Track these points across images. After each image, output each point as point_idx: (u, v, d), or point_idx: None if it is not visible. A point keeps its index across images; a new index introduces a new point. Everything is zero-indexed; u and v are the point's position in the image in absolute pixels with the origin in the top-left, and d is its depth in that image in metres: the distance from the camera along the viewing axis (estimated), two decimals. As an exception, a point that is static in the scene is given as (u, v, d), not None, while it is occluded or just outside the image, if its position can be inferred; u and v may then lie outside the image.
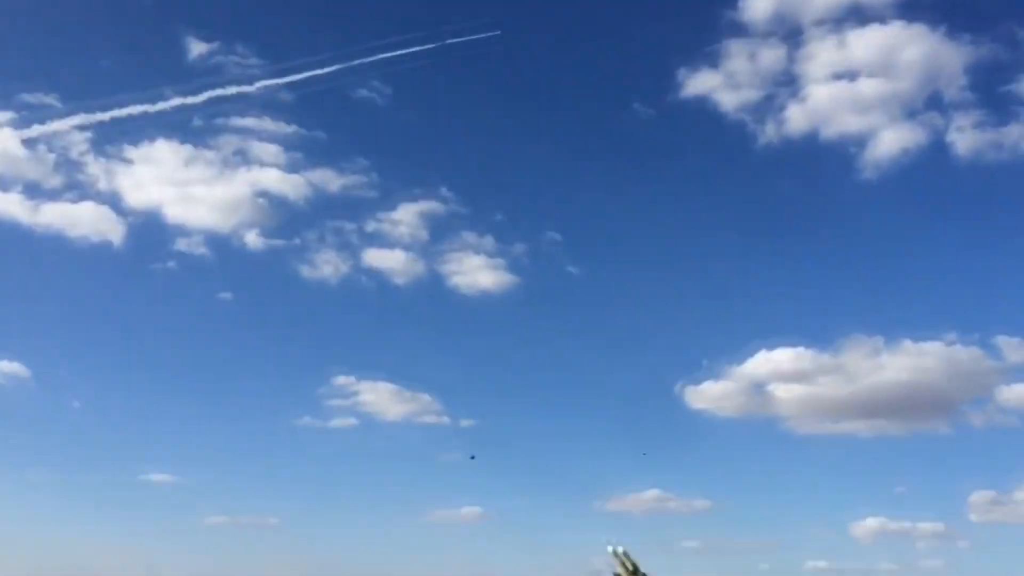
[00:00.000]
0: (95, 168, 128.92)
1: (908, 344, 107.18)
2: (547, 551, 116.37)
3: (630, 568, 78.18)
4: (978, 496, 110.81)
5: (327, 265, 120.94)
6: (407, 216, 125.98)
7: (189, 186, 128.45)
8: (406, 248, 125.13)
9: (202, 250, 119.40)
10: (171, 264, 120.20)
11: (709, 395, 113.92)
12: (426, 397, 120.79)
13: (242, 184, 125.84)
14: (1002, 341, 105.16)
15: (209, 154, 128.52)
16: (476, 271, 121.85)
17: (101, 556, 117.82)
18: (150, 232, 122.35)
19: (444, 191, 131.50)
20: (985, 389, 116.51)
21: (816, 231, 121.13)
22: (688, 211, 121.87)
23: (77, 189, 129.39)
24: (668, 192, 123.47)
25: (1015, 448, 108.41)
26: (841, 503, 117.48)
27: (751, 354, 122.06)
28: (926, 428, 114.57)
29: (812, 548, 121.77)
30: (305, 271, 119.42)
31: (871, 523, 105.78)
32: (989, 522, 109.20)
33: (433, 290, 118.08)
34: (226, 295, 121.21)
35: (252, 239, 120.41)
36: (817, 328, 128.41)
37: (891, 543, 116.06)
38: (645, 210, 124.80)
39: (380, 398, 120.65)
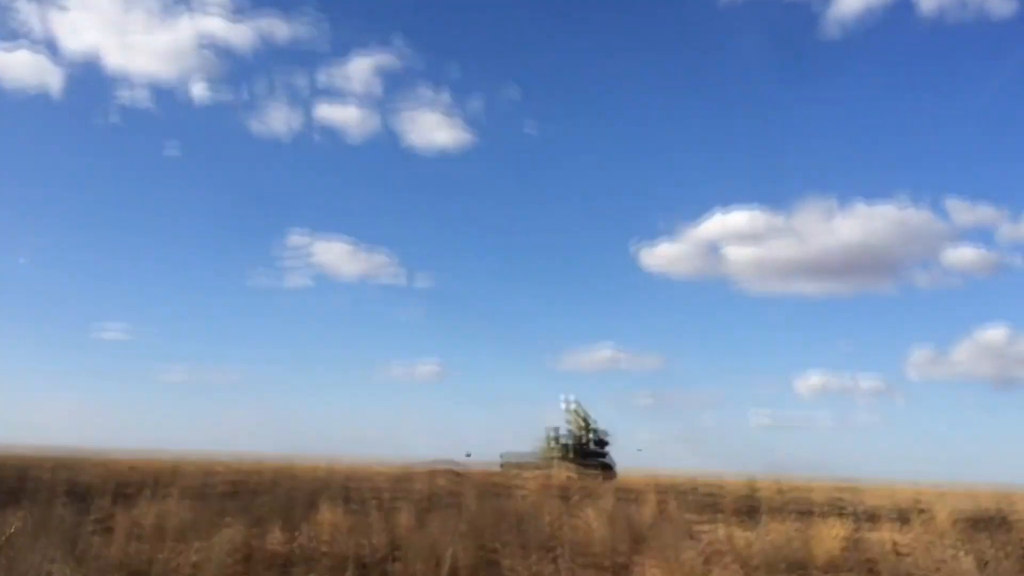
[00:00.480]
0: (28, 13, 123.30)
1: (861, 206, 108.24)
2: (503, 405, 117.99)
3: (582, 419, 79.76)
4: (917, 354, 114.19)
5: (277, 119, 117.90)
6: (360, 69, 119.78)
7: (128, 34, 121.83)
8: (360, 103, 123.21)
9: (146, 102, 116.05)
10: (113, 117, 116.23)
11: (664, 255, 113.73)
12: (382, 255, 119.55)
13: (185, 31, 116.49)
14: (951, 204, 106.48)
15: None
16: (432, 128, 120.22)
17: (57, 413, 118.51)
18: (90, 82, 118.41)
19: (399, 43, 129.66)
20: (932, 251, 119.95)
21: (776, 91, 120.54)
22: (648, 68, 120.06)
23: (9, 36, 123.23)
24: (628, 48, 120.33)
25: (956, 309, 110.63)
26: (786, 359, 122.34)
27: (706, 215, 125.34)
28: (872, 288, 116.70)
29: (757, 401, 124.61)
30: (255, 125, 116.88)
31: (814, 378, 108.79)
32: (926, 379, 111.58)
33: (388, 146, 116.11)
34: (173, 149, 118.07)
35: (198, 91, 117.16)
36: (772, 190, 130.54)
37: (831, 397, 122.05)
38: (605, 66, 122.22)
39: (336, 256, 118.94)
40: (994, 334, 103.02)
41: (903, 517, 20.71)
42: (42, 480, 23.01)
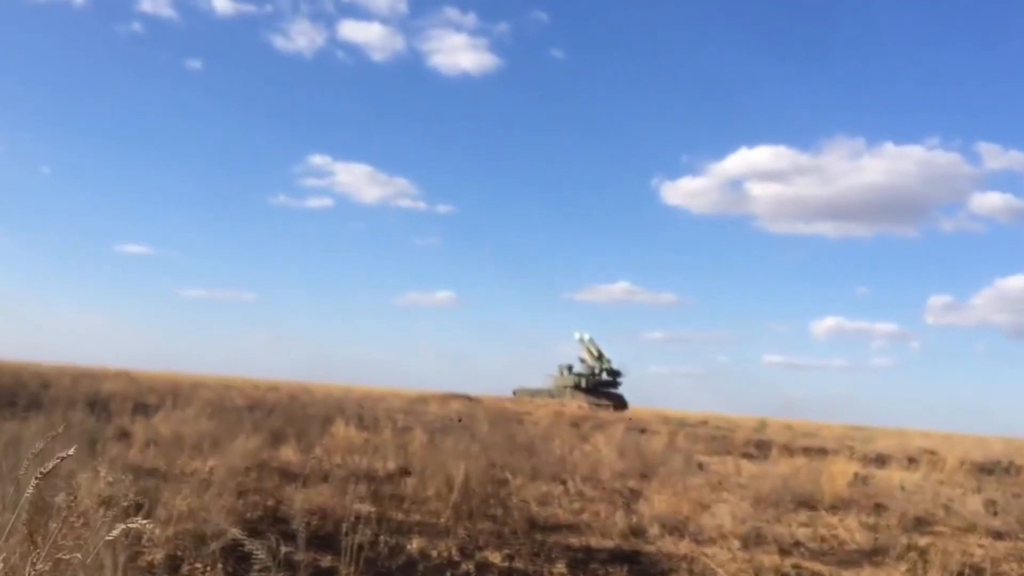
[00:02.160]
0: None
1: (889, 147, 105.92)
2: (518, 337, 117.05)
3: (595, 353, 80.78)
4: (935, 300, 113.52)
5: (301, 36, 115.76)
6: None
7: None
8: (384, 21, 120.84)
9: (168, 11, 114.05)
10: (136, 26, 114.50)
11: (685, 191, 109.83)
12: (403, 180, 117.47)
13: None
14: (983, 147, 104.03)
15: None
16: (457, 50, 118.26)
17: (77, 324, 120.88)
18: None
19: None
20: (959, 195, 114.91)
21: (806, 29, 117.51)
22: (680, 1, 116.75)
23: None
24: None
25: (979, 255, 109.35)
26: (803, 302, 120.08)
27: (731, 151, 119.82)
28: (895, 231, 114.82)
29: (770, 343, 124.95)
30: (279, 41, 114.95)
31: (829, 322, 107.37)
32: (942, 325, 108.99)
33: (412, 69, 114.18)
34: (195, 63, 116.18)
35: (221, 3, 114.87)
36: (800, 127, 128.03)
37: (846, 341, 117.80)
38: None
39: (356, 179, 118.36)
40: (1015, 283, 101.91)
41: (912, 460, 20.81)
42: (63, 390, 23.41)
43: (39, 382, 28.51)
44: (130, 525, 3.28)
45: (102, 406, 15.69)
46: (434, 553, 6.97)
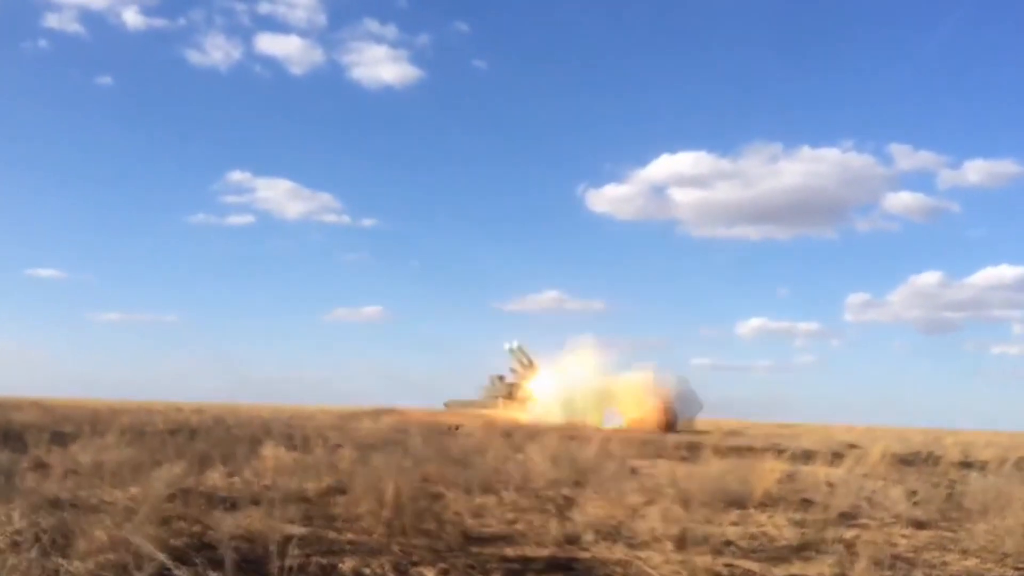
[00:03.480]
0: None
1: (806, 150, 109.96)
2: (448, 349, 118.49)
3: (526, 362, 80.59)
4: (854, 298, 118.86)
5: (217, 50, 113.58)
6: None
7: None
8: (303, 34, 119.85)
9: (75, 27, 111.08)
10: (42, 42, 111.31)
11: (610, 198, 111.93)
12: (326, 195, 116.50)
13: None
14: (895, 148, 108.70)
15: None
16: (378, 63, 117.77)
17: None
18: (16, 4, 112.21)
19: None
20: (873, 195, 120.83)
21: (723, 35, 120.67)
22: (598, 8, 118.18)
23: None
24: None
25: (894, 253, 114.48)
26: (728, 304, 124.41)
27: (653, 157, 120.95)
28: (813, 233, 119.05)
29: (698, 347, 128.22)
30: (193, 56, 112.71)
31: (754, 323, 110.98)
32: (861, 322, 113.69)
33: (332, 82, 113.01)
34: (105, 79, 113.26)
35: (131, 17, 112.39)
36: (720, 132, 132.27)
37: (771, 341, 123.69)
38: (555, 4, 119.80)
39: (278, 195, 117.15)
40: (927, 279, 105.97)
41: (837, 455, 21.36)
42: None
43: (-52, 414, 27.27)
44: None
45: (16, 437, 15.08)
46: (367, 571, 6.86)
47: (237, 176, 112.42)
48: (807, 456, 21.77)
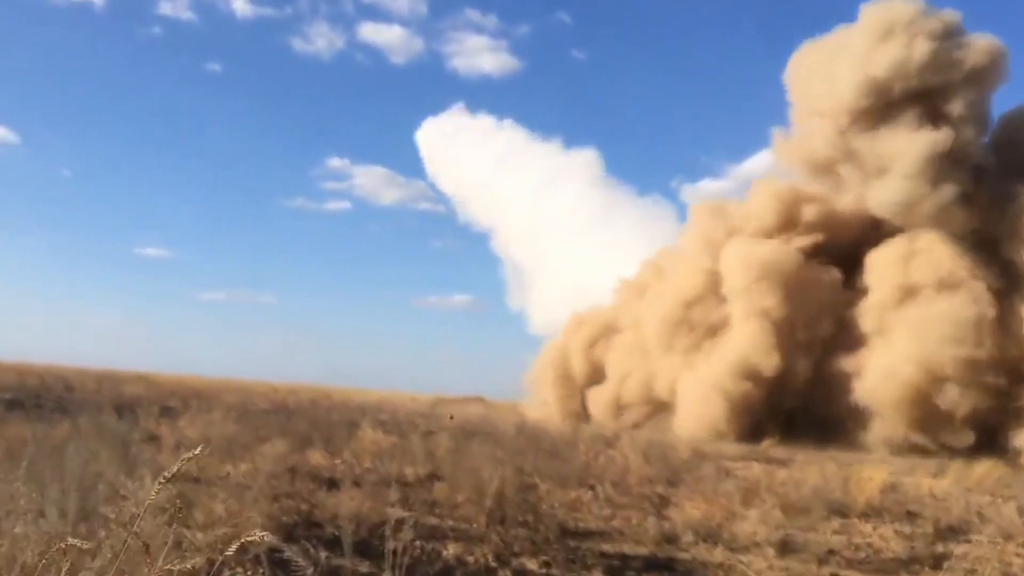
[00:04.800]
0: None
1: None
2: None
3: None
4: None
5: (321, 38, 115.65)
6: None
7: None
8: (405, 23, 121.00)
9: (188, 14, 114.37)
10: (156, 29, 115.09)
11: (705, 193, 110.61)
12: (421, 183, 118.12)
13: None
14: None
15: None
16: (477, 52, 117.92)
17: (97, 326, 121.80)
18: None
19: None
20: None
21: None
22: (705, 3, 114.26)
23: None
24: None
25: None
26: None
27: (752, 153, 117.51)
28: None
29: None
30: (298, 44, 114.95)
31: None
32: None
33: (432, 71, 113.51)
34: (214, 66, 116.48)
35: (240, 5, 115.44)
36: None
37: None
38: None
39: (374, 182, 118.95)
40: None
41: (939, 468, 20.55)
42: (87, 393, 23.58)
43: (62, 384, 28.73)
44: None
45: (128, 409, 15.78)
46: (470, 559, 6.95)
47: (336, 163, 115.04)
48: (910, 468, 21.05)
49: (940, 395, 27.96)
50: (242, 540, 2.72)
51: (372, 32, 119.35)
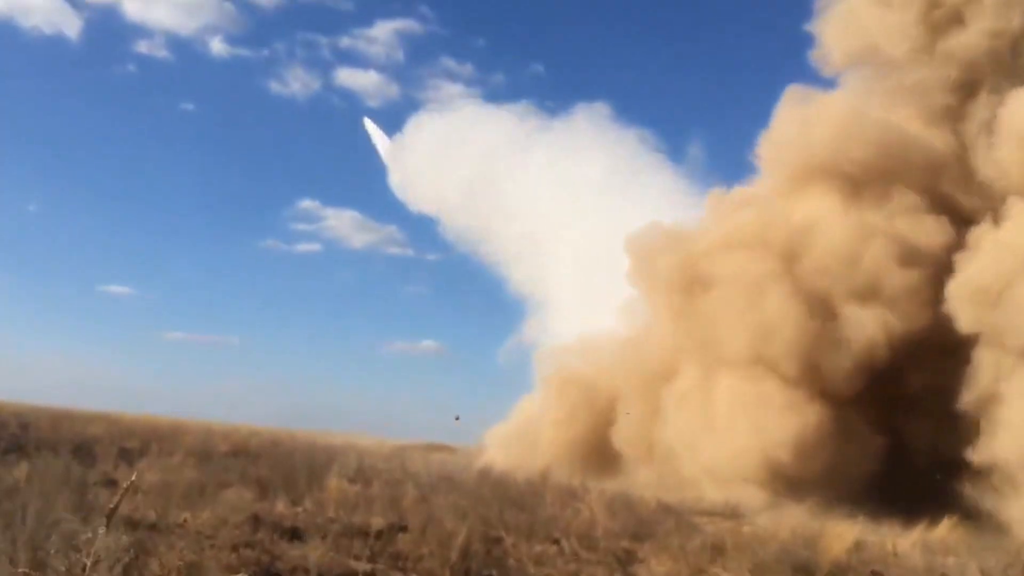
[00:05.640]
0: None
1: None
2: (500, 384, 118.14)
3: None
4: None
5: (296, 81, 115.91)
6: (383, 34, 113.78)
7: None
8: (381, 69, 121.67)
9: (163, 53, 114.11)
10: (131, 67, 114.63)
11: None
12: (392, 227, 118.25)
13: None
14: None
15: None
16: (451, 100, 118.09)
17: (57, 365, 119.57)
18: (108, 29, 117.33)
19: (424, 9, 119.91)
20: None
21: None
22: (680, 56, 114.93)
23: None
24: (658, 33, 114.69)
25: None
26: None
27: None
28: None
29: None
30: (274, 86, 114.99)
31: None
32: None
33: (407, 117, 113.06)
34: (188, 105, 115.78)
35: (217, 46, 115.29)
36: None
37: None
38: (634, 51, 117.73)
39: (344, 224, 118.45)
40: None
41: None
42: (44, 432, 22.99)
43: (17, 422, 28.00)
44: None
45: (86, 450, 15.42)
46: (434, 616, 6.80)
47: (307, 203, 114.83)
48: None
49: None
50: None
51: (348, 77, 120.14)
